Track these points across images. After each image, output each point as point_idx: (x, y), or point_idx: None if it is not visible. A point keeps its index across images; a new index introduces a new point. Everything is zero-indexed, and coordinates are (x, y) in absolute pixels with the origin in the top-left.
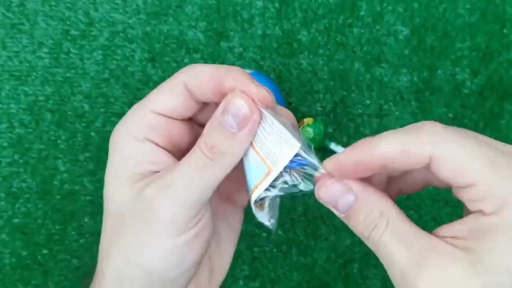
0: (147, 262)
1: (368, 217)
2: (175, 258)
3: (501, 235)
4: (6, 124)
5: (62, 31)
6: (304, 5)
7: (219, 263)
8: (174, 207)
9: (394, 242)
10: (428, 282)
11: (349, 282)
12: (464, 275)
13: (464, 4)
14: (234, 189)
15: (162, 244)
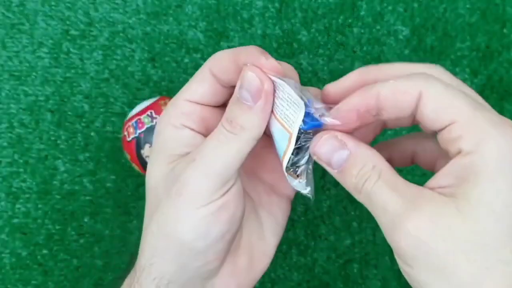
0: (176, 232)
1: (361, 170)
2: (200, 228)
3: (481, 175)
4: (6, 124)
5: (62, 31)
6: (304, 5)
7: (260, 253)
8: (199, 178)
9: (386, 190)
10: (417, 225)
11: (349, 282)
12: (452, 220)
13: (464, 4)
14: (277, 179)
15: (188, 214)
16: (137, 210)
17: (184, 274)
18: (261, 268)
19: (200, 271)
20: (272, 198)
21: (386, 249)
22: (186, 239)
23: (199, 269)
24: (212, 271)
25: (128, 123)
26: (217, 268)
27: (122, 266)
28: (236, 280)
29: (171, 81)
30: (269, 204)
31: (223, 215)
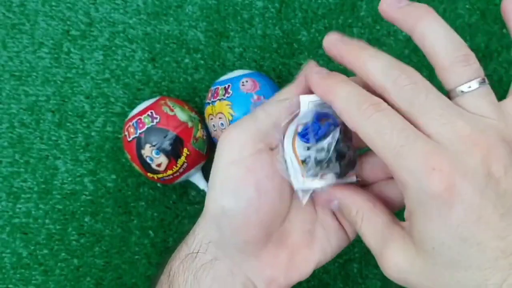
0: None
1: (349, 215)
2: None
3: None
4: (7, 124)
5: (62, 31)
6: (304, 5)
7: (302, 259)
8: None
9: (367, 234)
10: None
11: (349, 281)
12: (412, 255)
13: (463, 5)
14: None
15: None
16: (138, 210)
17: (221, 236)
18: (299, 275)
19: (235, 239)
20: (333, 224)
21: None
22: (220, 195)
23: (233, 236)
24: (249, 246)
25: (129, 123)
26: (253, 245)
27: (123, 265)
28: (273, 272)
29: (172, 81)
30: (328, 226)
31: (251, 178)
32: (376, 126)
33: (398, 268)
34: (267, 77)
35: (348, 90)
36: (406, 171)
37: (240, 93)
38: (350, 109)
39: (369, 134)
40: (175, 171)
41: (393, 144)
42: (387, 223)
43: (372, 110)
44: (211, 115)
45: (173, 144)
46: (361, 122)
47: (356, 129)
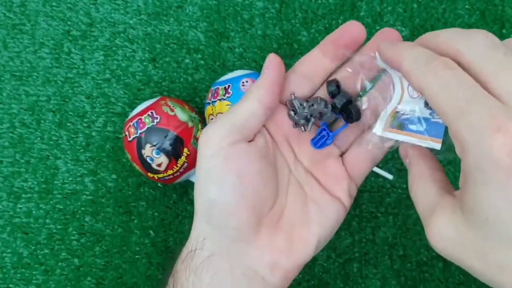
0: (197, 181)
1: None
2: (212, 174)
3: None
4: (8, 124)
5: (63, 31)
6: (304, 5)
7: (300, 239)
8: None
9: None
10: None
11: (349, 281)
12: (460, 225)
13: (463, 5)
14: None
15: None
16: (138, 209)
17: (214, 228)
18: (302, 254)
19: (227, 228)
20: (325, 197)
21: (385, 249)
22: (205, 187)
23: (224, 225)
24: (240, 233)
25: (129, 123)
26: (244, 230)
27: (123, 265)
28: (272, 256)
29: (172, 81)
30: (320, 201)
31: (231, 167)
32: (442, 82)
33: (443, 236)
34: None
35: (416, 51)
36: (468, 129)
37: (240, 93)
38: (417, 67)
39: (433, 90)
40: (175, 171)
41: (458, 99)
42: (441, 191)
43: (441, 67)
44: (211, 115)
45: (173, 144)
46: (427, 79)
47: (421, 87)
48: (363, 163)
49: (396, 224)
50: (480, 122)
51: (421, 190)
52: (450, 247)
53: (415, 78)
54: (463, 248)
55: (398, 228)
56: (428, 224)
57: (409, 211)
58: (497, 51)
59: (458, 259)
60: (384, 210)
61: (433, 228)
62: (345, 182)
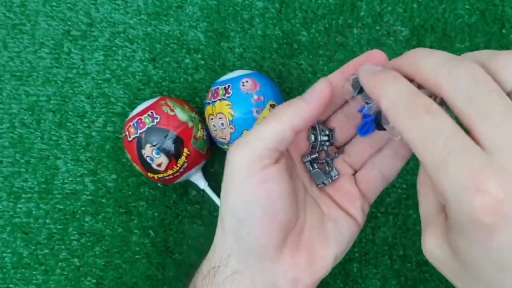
0: (228, 203)
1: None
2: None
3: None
4: (8, 124)
5: (63, 31)
6: (304, 5)
7: (320, 256)
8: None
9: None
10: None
11: (349, 281)
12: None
13: (463, 5)
14: (346, 201)
15: (235, 187)
16: (138, 209)
17: (240, 247)
18: (321, 271)
19: (253, 246)
20: (340, 214)
21: (385, 249)
22: (236, 209)
23: (251, 243)
24: (266, 250)
25: (129, 123)
26: (270, 249)
27: (123, 265)
28: (295, 273)
29: (172, 82)
30: (336, 218)
31: (264, 189)
32: (422, 130)
33: (432, 255)
34: (267, 77)
35: (397, 87)
36: (447, 185)
37: (240, 93)
38: (396, 109)
39: (413, 137)
40: (175, 171)
41: (438, 151)
42: (438, 206)
43: (420, 110)
44: (211, 115)
45: (173, 144)
46: (406, 124)
47: (400, 131)
48: (374, 183)
49: (396, 224)
50: (459, 180)
51: (423, 197)
52: (438, 265)
53: (394, 119)
54: (449, 271)
55: (398, 228)
56: (423, 234)
57: (409, 211)
58: (481, 91)
59: (445, 276)
60: (384, 210)
61: (425, 242)
62: (359, 201)
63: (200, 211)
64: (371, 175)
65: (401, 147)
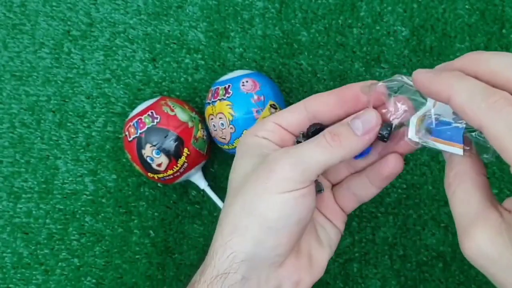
0: (261, 210)
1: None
2: (285, 209)
3: None
4: (8, 124)
5: (63, 31)
6: (304, 5)
7: (317, 257)
8: (288, 167)
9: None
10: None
11: (349, 281)
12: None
13: (463, 5)
14: (333, 214)
15: (275, 196)
16: (138, 209)
17: (258, 253)
18: (318, 271)
19: (272, 253)
20: (327, 222)
21: (385, 249)
22: (270, 217)
23: (271, 251)
24: (280, 258)
25: (129, 123)
26: (284, 256)
27: (123, 265)
28: (298, 275)
29: (172, 82)
30: (324, 224)
31: (303, 203)
32: (509, 122)
33: (481, 252)
34: (267, 77)
35: (468, 83)
36: None
37: (240, 93)
38: (474, 103)
39: (499, 130)
40: (175, 171)
41: None
42: (484, 200)
43: (504, 103)
44: (211, 115)
45: (173, 144)
46: (490, 117)
47: (482, 125)
48: (350, 203)
49: (396, 224)
50: None
51: (461, 192)
52: (486, 264)
53: (472, 114)
54: (501, 269)
55: (398, 228)
56: (466, 234)
57: (409, 211)
58: None
59: (491, 275)
60: (384, 210)
61: (471, 241)
62: (339, 213)
63: (200, 211)
64: (347, 196)
65: (377, 177)
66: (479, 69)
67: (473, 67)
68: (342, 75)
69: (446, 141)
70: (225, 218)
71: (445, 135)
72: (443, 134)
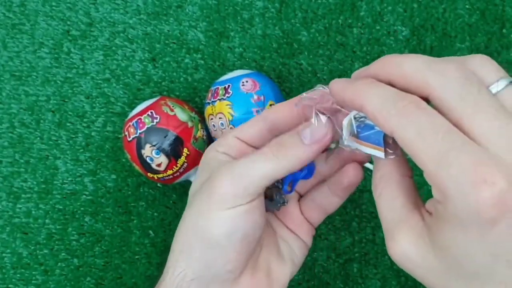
0: (206, 227)
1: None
2: (227, 226)
3: (447, 226)
4: (7, 124)
5: (62, 31)
6: (304, 5)
7: (277, 273)
8: (229, 182)
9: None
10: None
11: (349, 281)
12: (426, 253)
13: (463, 5)
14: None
15: (218, 213)
16: (138, 210)
17: (208, 271)
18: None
19: (221, 270)
20: (291, 236)
21: (385, 249)
22: (213, 235)
23: (220, 268)
24: (231, 275)
25: (129, 123)
26: (236, 273)
27: (123, 265)
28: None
29: (172, 81)
30: (287, 239)
31: (248, 219)
32: (418, 127)
33: (406, 257)
34: (267, 77)
35: (381, 90)
36: (451, 181)
37: (240, 93)
38: (385, 109)
39: (409, 136)
40: (175, 171)
41: (437, 148)
42: (408, 203)
43: (412, 107)
44: (211, 115)
45: (173, 144)
46: (399, 122)
47: (393, 131)
48: (317, 215)
49: None
50: (463, 175)
51: (386, 196)
52: (412, 268)
53: (383, 121)
54: (424, 271)
55: None
56: (391, 238)
57: None
58: (471, 88)
59: (418, 278)
60: None
61: (396, 245)
62: (305, 226)
63: None
64: (312, 207)
65: (338, 187)
66: (393, 73)
67: (387, 72)
68: (342, 75)
69: (370, 143)
70: (176, 235)
71: (368, 138)
72: (367, 137)
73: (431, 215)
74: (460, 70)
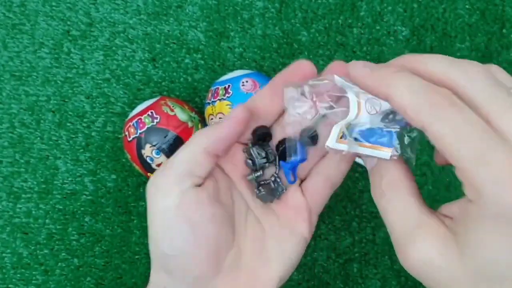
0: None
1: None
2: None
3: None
4: (7, 124)
5: (63, 31)
6: (304, 5)
7: (264, 278)
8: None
9: (393, 213)
10: (415, 256)
11: (349, 281)
12: (452, 257)
13: (463, 5)
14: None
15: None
16: (138, 210)
17: (174, 280)
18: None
19: (187, 279)
20: (284, 232)
21: (385, 249)
22: (158, 241)
23: (185, 277)
24: (201, 282)
25: (129, 123)
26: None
27: (123, 265)
28: None
29: (172, 81)
30: (279, 236)
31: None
32: (453, 123)
33: (429, 262)
34: (267, 77)
35: (410, 80)
36: (488, 180)
37: (240, 93)
38: (416, 102)
39: (443, 132)
40: None
41: (475, 146)
42: (422, 209)
43: (446, 103)
44: (211, 115)
45: (173, 144)
46: (433, 117)
47: (426, 127)
48: (322, 190)
49: None
50: (502, 173)
51: (397, 201)
52: (434, 274)
53: (413, 114)
54: (449, 277)
55: None
56: (407, 245)
57: None
58: (501, 89)
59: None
60: None
61: (416, 251)
62: (306, 212)
63: None
64: (318, 181)
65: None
66: (417, 69)
67: (411, 67)
68: None
69: (374, 145)
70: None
71: (373, 139)
72: (371, 138)
73: (452, 219)
74: (485, 70)
